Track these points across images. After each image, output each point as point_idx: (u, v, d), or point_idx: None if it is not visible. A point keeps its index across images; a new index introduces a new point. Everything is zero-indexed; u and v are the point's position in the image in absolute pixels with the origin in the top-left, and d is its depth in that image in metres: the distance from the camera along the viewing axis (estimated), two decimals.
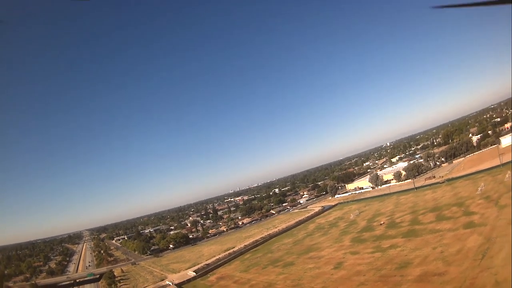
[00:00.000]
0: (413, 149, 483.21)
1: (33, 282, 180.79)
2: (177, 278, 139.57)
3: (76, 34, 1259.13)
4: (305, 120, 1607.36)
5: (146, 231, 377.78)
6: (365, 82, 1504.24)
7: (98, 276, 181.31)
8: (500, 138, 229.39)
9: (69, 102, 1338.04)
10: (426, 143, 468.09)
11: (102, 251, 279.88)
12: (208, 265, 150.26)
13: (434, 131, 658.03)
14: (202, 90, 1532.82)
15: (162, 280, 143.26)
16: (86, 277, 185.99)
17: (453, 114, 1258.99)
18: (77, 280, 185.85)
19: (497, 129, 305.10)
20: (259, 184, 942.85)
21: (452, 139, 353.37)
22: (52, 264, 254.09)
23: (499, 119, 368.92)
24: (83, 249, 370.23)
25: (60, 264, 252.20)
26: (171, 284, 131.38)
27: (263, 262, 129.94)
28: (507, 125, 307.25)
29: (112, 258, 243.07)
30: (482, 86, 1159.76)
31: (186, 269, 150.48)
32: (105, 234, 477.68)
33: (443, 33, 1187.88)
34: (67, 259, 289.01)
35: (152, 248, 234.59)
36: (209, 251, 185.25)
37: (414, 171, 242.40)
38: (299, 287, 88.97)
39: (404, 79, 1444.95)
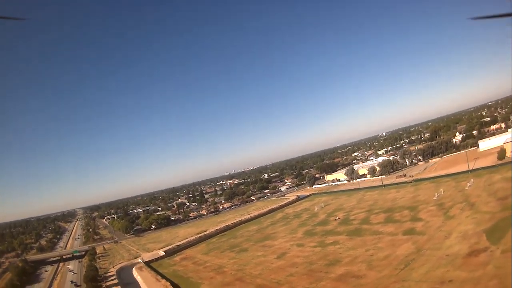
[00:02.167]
0: (401, 142, 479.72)
1: (24, 258, 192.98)
2: (148, 256, 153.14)
3: None
4: (304, 103, 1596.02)
5: (135, 211, 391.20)
6: (364, 69, 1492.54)
7: (83, 253, 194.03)
8: (479, 141, 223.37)
9: (64, 82, 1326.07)
10: (415, 138, 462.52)
11: (90, 230, 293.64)
12: (178, 246, 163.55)
13: (430, 124, 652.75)
14: (200, 71, 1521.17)
15: (136, 258, 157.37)
16: (71, 253, 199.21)
17: (453, 107, 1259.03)
18: (64, 256, 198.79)
19: (483, 129, 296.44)
20: (254, 167, 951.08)
21: (439, 135, 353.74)
22: (43, 241, 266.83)
23: (488, 119, 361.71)
24: (75, 227, 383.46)
25: (51, 242, 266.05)
26: (141, 261, 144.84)
27: (223, 247, 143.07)
28: (494, 127, 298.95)
29: (98, 237, 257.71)
30: (486, 78, 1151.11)
31: (159, 249, 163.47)
32: (97, 213, 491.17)
33: (447, 26, 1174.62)
34: (58, 236, 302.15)
35: (135, 228, 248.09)
36: (184, 233, 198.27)
37: (388, 168, 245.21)
38: (241, 272, 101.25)
39: (405, 69, 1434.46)
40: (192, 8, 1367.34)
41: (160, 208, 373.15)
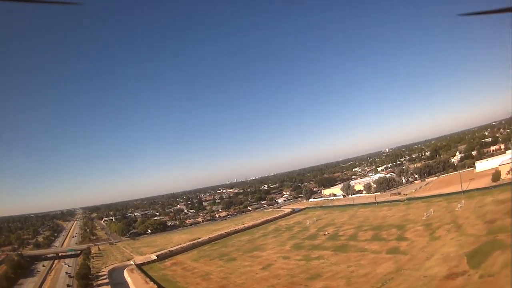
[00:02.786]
0: (402, 159, 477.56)
1: (20, 252, 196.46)
2: (140, 259, 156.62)
3: None
4: (310, 116, 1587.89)
5: (134, 214, 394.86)
6: (371, 85, 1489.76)
7: (78, 252, 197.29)
8: (476, 162, 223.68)
9: (67, 76, 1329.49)
10: (415, 155, 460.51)
11: (87, 230, 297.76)
12: (171, 251, 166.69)
13: (433, 142, 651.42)
14: (207, 77, 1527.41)
15: (128, 260, 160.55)
16: (67, 252, 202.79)
17: (458, 126, 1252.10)
18: (59, 254, 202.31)
19: (483, 150, 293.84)
20: (256, 177, 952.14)
21: (439, 154, 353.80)
22: (40, 238, 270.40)
23: (490, 139, 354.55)
24: (73, 226, 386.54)
25: (48, 239, 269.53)
26: (133, 264, 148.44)
27: (213, 255, 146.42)
28: (494, 148, 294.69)
29: (94, 237, 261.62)
30: (492, 97, 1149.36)
31: (151, 253, 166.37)
32: (96, 214, 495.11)
33: (458, 44, 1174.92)
34: (55, 234, 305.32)
35: (131, 231, 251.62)
36: (178, 239, 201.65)
37: (384, 185, 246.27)
38: (226, 280, 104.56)
39: (411, 86, 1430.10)
40: (194, 11, 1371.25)
41: (158, 213, 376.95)
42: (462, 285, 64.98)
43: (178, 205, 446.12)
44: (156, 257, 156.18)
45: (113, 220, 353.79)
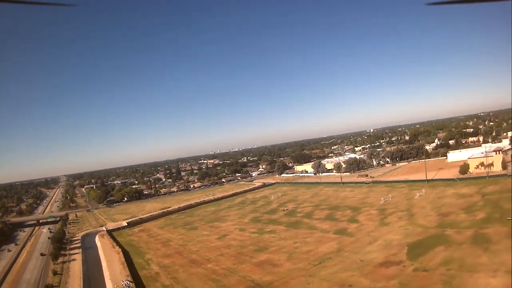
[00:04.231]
0: (382, 141, 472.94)
1: (3, 220, 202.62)
2: (112, 226, 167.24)
3: None
4: (297, 91, 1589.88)
5: (114, 182, 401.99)
6: (360, 65, 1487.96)
7: (58, 218, 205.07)
8: (449, 151, 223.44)
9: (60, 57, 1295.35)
10: (395, 139, 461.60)
11: (68, 197, 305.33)
12: (141, 219, 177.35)
13: (418, 126, 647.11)
14: (198, 49, 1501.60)
15: (101, 226, 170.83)
16: (47, 218, 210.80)
17: (446, 112, 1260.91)
18: (40, 221, 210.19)
19: (461, 140, 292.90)
20: (239, 149, 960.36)
21: (418, 140, 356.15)
22: (23, 206, 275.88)
23: (471, 130, 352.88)
24: (55, 194, 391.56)
25: (31, 206, 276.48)
26: (105, 230, 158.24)
27: (178, 223, 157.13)
28: (473, 139, 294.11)
29: (74, 204, 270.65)
30: (486, 87, 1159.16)
31: (123, 220, 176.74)
32: (78, 182, 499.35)
33: (450, 27, 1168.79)
34: (38, 202, 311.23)
35: (108, 199, 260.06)
36: (150, 208, 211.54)
37: (354, 166, 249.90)
38: (183, 247, 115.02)
39: (402, 68, 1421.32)
40: None
41: (137, 182, 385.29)
42: (393, 275, 67.00)
43: (158, 174, 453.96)
44: (126, 224, 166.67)
45: (94, 187, 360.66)
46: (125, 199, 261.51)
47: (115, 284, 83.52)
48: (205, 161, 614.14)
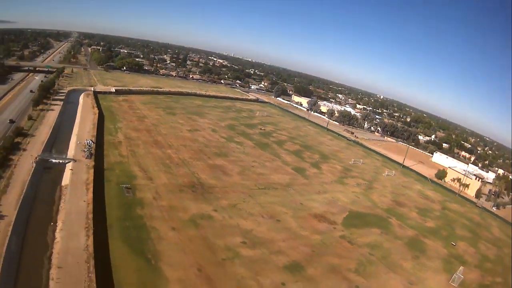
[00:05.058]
0: (384, 111, 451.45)
1: (2, 62, 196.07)
2: (100, 88, 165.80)
3: None
4: (335, 28, 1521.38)
5: (121, 50, 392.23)
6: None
7: (54, 69, 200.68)
8: (437, 151, 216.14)
9: None
10: (397, 115, 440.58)
11: (72, 52, 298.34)
12: (130, 90, 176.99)
13: (425, 115, 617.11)
14: None
15: (91, 86, 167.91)
16: (45, 67, 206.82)
17: (456, 116, 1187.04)
18: (37, 68, 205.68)
19: (454, 149, 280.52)
20: (252, 60, 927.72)
21: (417, 127, 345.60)
22: (26, 52, 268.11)
23: (469, 146, 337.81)
24: (62, 47, 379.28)
25: (33, 54, 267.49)
26: (92, 90, 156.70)
27: (161, 105, 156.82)
28: (463, 153, 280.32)
29: (74, 60, 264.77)
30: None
31: (113, 86, 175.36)
32: (88, 41, 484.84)
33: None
34: (42, 51, 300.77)
35: (108, 64, 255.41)
36: (142, 82, 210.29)
37: (346, 119, 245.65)
38: (154, 126, 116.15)
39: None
40: None
41: (142, 56, 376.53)
42: (320, 231, 67.28)
43: (165, 55, 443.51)
44: (114, 90, 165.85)
45: (100, 49, 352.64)
46: (124, 68, 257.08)
47: (78, 140, 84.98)
48: (215, 59, 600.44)
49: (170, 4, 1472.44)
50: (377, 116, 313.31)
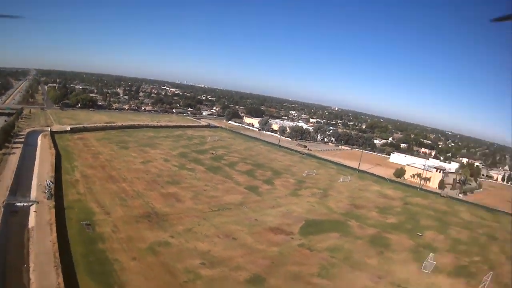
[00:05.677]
0: (338, 121, 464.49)
1: None
2: (57, 128, 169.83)
3: None
4: (282, 48, 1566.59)
5: (76, 86, 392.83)
6: (356, 40, 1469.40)
7: (14, 111, 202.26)
8: (393, 152, 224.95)
9: None
10: (352, 123, 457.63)
11: (29, 92, 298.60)
12: (85, 127, 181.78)
13: (381, 120, 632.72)
14: None
15: (48, 126, 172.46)
16: (5, 109, 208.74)
17: (415, 118, 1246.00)
18: None
19: (413, 147, 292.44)
20: (205, 86, 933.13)
21: (373, 132, 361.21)
22: None
23: (429, 142, 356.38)
24: (20, 86, 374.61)
25: None
26: (49, 130, 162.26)
27: (114, 140, 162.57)
28: (423, 150, 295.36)
29: (32, 100, 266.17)
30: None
31: (68, 125, 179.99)
32: (45, 78, 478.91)
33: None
34: (3, 91, 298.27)
35: (63, 102, 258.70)
36: (96, 119, 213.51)
37: (298, 134, 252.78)
38: (108, 162, 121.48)
39: (394, 61, 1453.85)
40: None
41: (95, 91, 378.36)
42: (277, 242, 69.31)
43: (118, 89, 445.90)
44: (70, 129, 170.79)
45: (56, 87, 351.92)
46: (79, 105, 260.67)
47: (39, 182, 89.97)
48: (167, 88, 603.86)
49: (124, 36, 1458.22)
50: (331, 127, 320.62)
